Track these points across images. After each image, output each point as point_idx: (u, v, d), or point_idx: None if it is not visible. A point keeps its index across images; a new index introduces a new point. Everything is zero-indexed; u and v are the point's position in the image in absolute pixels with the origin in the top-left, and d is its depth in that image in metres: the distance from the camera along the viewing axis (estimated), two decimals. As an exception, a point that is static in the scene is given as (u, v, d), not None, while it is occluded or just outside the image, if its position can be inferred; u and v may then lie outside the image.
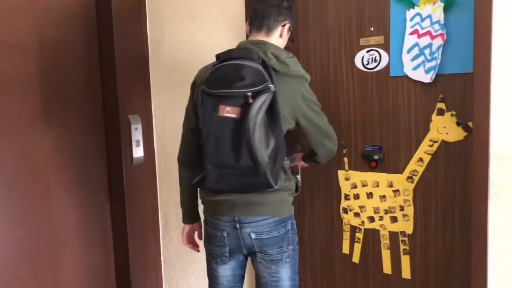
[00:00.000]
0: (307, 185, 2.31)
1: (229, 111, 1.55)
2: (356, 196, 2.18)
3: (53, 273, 2.14)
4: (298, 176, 2.31)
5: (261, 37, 1.75)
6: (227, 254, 1.78)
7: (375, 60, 2.06)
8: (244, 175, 1.58)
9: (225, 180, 1.61)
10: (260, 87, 1.55)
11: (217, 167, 1.60)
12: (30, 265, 2.03)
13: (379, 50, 2.04)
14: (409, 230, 2.06)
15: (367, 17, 2.06)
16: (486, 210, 1.75)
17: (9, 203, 1.95)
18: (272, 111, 1.58)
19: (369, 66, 2.08)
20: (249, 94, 1.54)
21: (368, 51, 2.07)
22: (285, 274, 1.76)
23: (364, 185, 2.15)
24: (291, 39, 1.86)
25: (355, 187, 2.18)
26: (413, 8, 1.92)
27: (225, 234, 1.75)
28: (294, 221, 1.81)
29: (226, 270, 1.83)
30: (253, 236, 1.71)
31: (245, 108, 1.54)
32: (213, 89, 1.57)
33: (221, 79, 1.58)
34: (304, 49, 2.24)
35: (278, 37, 1.76)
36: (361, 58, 2.09)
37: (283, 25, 1.76)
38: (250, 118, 1.53)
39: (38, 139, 2.06)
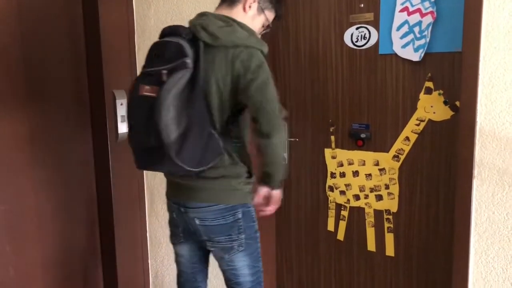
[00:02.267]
0: (293, 163, 2.31)
1: (148, 90, 1.48)
2: (342, 174, 2.18)
3: (38, 248, 2.13)
4: (285, 154, 2.30)
5: (222, 10, 1.64)
6: (181, 235, 1.75)
7: (364, 38, 2.03)
8: (156, 156, 1.49)
9: (148, 161, 1.55)
10: (175, 63, 1.47)
11: (137, 148, 1.56)
12: (15, 241, 2.01)
13: (369, 27, 2.02)
14: (394, 208, 2.08)
15: (357, -7, 2.03)
16: (471, 189, 1.76)
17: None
18: (190, 88, 1.48)
19: (358, 44, 2.05)
20: (164, 71, 1.47)
21: (357, 28, 2.05)
22: (242, 263, 1.69)
23: (350, 164, 2.16)
24: (266, 26, 1.71)
25: (342, 165, 2.18)
26: (404, -16, 1.90)
27: (174, 216, 1.73)
28: (251, 209, 1.68)
29: (183, 250, 1.80)
30: (197, 222, 1.65)
31: (161, 86, 1.46)
32: (143, 68, 1.54)
33: (148, 57, 1.56)
34: (293, 25, 2.20)
35: (242, 11, 1.63)
36: (350, 35, 2.07)
37: None
38: (162, 96, 1.44)
39: (21, 114, 2.01)
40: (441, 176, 1.97)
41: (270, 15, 1.70)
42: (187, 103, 1.47)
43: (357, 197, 2.16)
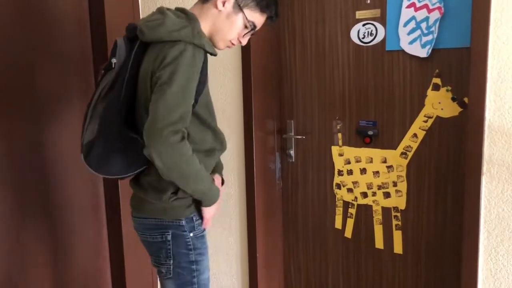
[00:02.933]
0: (300, 161, 2.30)
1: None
2: (350, 172, 2.17)
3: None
4: (292, 151, 2.29)
5: (196, 7, 1.46)
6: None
7: (371, 34, 2.02)
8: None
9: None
10: (106, 63, 1.43)
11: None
12: (28, 231, 2.03)
13: (376, 23, 2.01)
14: (402, 206, 2.07)
15: (364, -10, 2.01)
16: (479, 185, 1.74)
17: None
18: (109, 89, 1.41)
19: (365, 40, 2.04)
20: (103, 71, 1.44)
21: (364, 25, 2.03)
22: None
23: (357, 161, 2.14)
24: (250, 28, 1.47)
25: (349, 162, 2.17)
26: (411, -20, 1.88)
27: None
28: (186, 234, 1.45)
29: None
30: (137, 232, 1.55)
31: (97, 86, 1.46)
32: None
33: None
34: (299, 22, 2.19)
35: (214, 8, 1.42)
36: (357, 32, 2.05)
37: None
38: (94, 98, 1.42)
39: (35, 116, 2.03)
40: (450, 173, 1.95)
41: (252, 15, 1.45)
42: (103, 107, 1.41)
43: (364, 195, 2.15)
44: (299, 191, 2.34)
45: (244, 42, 1.51)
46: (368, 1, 2.01)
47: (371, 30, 2.02)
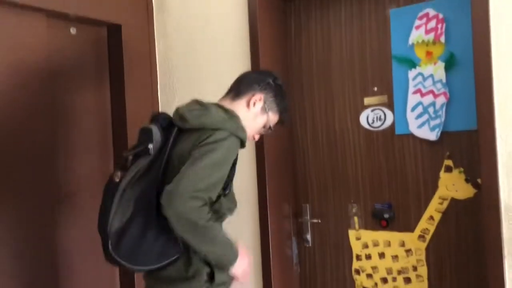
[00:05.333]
0: (317, 245, 2.27)
1: (117, 176, 1.44)
2: (368, 257, 2.13)
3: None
4: (308, 236, 2.27)
5: (224, 101, 1.59)
6: None
7: (380, 119, 2.08)
8: (102, 247, 1.39)
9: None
10: (139, 148, 1.45)
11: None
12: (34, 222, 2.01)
13: (384, 109, 2.07)
14: (424, 292, 1.99)
15: (370, 77, 2.10)
16: (503, 270, 1.68)
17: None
18: (145, 175, 1.42)
19: (374, 125, 2.10)
20: (130, 157, 1.45)
21: (372, 110, 2.10)
22: None
23: (375, 245, 2.11)
24: (267, 128, 1.63)
25: (367, 246, 2.13)
26: (415, 68, 1.97)
27: None
28: None
29: None
30: None
31: (125, 172, 1.43)
32: None
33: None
34: (309, 109, 2.27)
35: (245, 107, 1.56)
36: (366, 117, 2.12)
37: (253, 95, 1.56)
38: (121, 182, 1.40)
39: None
40: (470, 256, 1.90)
41: (273, 117, 1.62)
42: (139, 192, 1.40)
43: (385, 280, 2.09)
44: (317, 277, 2.28)
45: (257, 138, 1.68)
46: (375, 88, 2.09)
47: (380, 115, 2.08)
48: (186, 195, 1.29)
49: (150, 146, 1.43)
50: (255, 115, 1.58)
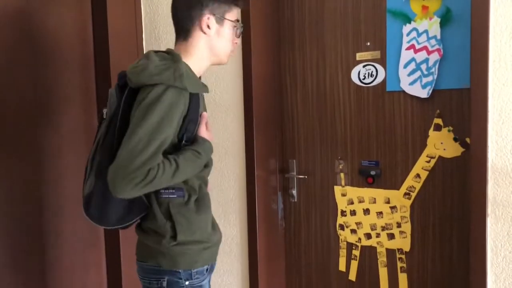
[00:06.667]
0: (303, 201, 2.28)
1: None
2: (353, 212, 2.14)
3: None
4: (294, 191, 2.28)
5: (181, 45, 1.46)
6: None
7: (371, 75, 2.04)
8: None
9: None
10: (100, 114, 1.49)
11: None
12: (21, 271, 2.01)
13: (376, 65, 2.03)
14: (407, 248, 2.03)
15: (364, 32, 2.05)
16: (485, 227, 1.71)
17: None
18: (103, 139, 1.42)
19: (365, 81, 2.06)
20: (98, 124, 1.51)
21: (364, 66, 2.06)
22: None
23: (361, 201, 2.12)
24: (237, 27, 1.50)
25: (352, 203, 2.14)
26: (410, 23, 1.91)
27: None
28: (183, 282, 1.42)
29: None
30: None
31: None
32: None
33: None
34: (300, 64, 2.22)
35: (202, 35, 1.44)
36: (357, 73, 2.07)
37: (199, 21, 1.43)
38: (92, 150, 1.45)
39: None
40: (454, 214, 1.92)
41: (232, 15, 1.49)
42: (99, 160, 1.40)
43: (368, 236, 2.12)
44: (302, 232, 2.30)
45: (239, 41, 1.57)
46: (368, 43, 2.04)
47: (372, 71, 2.04)
48: (125, 180, 1.23)
49: (105, 110, 1.42)
50: (216, 33, 1.45)
